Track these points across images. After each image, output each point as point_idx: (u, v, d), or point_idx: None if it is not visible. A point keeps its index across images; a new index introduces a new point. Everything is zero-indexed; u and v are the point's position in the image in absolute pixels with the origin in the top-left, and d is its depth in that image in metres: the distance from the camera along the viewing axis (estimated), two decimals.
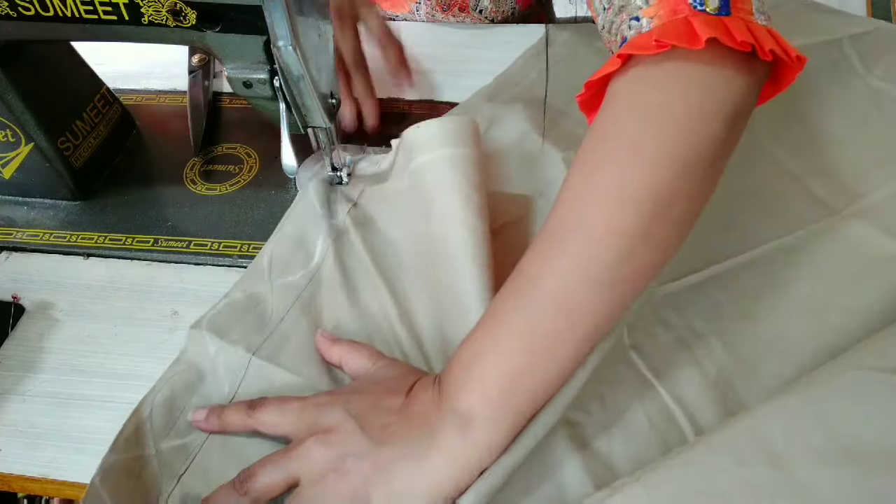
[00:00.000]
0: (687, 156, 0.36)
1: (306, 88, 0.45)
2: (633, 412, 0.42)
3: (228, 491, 0.39)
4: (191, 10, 0.43)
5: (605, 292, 0.36)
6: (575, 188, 0.38)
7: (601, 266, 0.36)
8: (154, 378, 0.46)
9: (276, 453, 0.40)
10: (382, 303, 0.47)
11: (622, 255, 0.35)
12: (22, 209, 0.58)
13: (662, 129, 0.36)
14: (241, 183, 0.58)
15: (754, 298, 0.46)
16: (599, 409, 0.42)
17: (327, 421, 0.39)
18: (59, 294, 0.52)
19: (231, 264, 0.53)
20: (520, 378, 0.36)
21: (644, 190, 0.35)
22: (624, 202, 0.36)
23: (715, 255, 0.48)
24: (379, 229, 0.52)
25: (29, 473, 0.43)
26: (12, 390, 0.47)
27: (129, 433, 0.41)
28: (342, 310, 0.48)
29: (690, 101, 0.36)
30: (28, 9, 0.44)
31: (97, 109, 0.58)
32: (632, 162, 0.36)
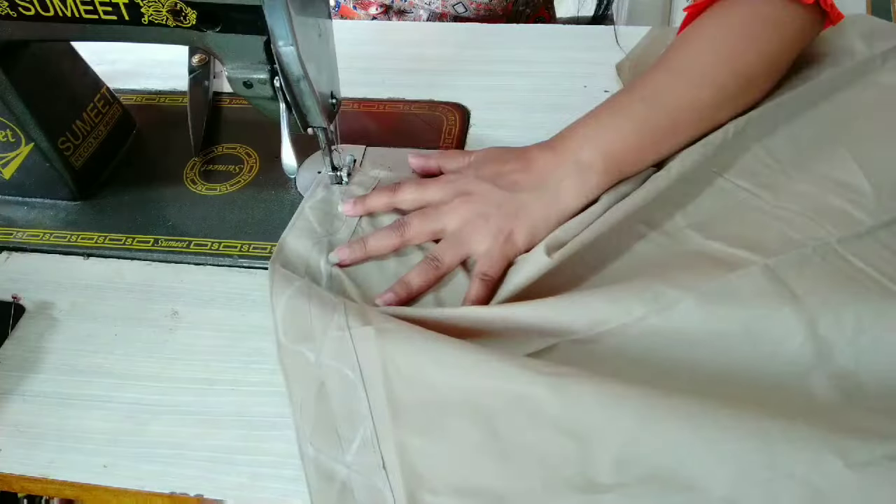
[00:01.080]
0: (758, 58, 0.52)
1: (306, 88, 0.45)
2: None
3: (387, 232, 0.50)
4: (191, 10, 0.43)
5: (704, 117, 0.52)
6: (687, 47, 0.54)
7: (702, 99, 0.51)
8: (154, 378, 0.46)
9: (427, 209, 0.50)
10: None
11: (715, 99, 0.51)
12: (22, 209, 0.58)
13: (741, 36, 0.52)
14: (241, 183, 0.58)
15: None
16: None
17: (465, 187, 0.50)
18: (59, 294, 0.52)
19: (231, 264, 0.53)
20: (630, 152, 0.50)
21: (729, 75, 0.51)
22: (717, 65, 0.52)
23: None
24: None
25: (29, 473, 0.43)
26: (12, 390, 0.47)
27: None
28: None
29: (764, 28, 0.52)
30: (28, 9, 0.44)
31: (97, 109, 0.58)
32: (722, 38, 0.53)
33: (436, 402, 0.40)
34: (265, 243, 0.53)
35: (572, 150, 0.50)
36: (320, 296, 0.45)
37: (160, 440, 0.44)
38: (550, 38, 0.71)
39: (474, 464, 0.38)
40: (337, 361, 0.42)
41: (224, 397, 0.45)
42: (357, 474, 0.39)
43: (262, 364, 0.47)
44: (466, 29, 0.75)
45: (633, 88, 0.53)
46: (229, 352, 0.48)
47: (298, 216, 0.53)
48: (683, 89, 0.51)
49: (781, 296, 0.42)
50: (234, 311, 0.50)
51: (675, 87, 0.51)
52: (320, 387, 0.42)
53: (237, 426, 0.44)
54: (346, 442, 0.40)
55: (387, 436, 0.39)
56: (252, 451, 0.43)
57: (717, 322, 0.42)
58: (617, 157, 0.50)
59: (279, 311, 0.45)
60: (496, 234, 0.48)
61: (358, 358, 0.42)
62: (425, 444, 0.39)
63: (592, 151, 0.50)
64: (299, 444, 0.41)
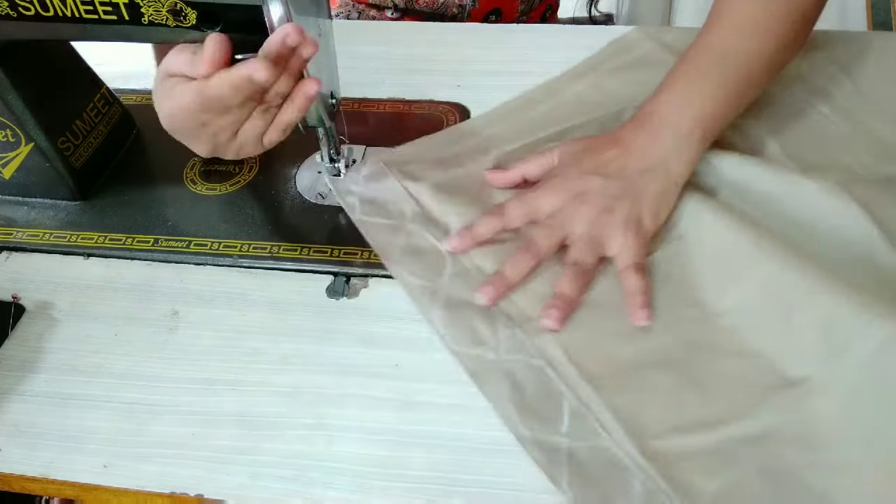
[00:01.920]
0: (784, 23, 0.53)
1: None
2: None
3: (521, 257, 0.48)
4: (191, 10, 0.43)
5: (773, 65, 0.54)
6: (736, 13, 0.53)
7: (768, 50, 0.52)
8: (154, 378, 0.46)
9: (547, 220, 0.49)
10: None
11: (777, 47, 0.53)
12: (22, 209, 0.58)
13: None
14: (241, 183, 0.58)
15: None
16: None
17: (576, 187, 0.50)
18: (59, 294, 0.52)
19: (231, 264, 0.53)
20: (719, 113, 0.51)
21: (782, 11, 0.52)
22: (772, 17, 0.52)
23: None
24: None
25: (29, 473, 0.43)
26: (12, 390, 0.47)
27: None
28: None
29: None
30: (28, 9, 0.44)
31: (97, 109, 0.58)
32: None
33: (622, 367, 0.44)
34: (265, 243, 0.53)
35: (666, 124, 0.51)
36: (469, 303, 0.47)
37: (160, 440, 0.44)
38: (551, 38, 0.71)
39: (681, 404, 0.42)
40: (519, 354, 0.45)
41: (224, 397, 0.45)
42: (579, 441, 0.41)
43: (262, 364, 0.47)
44: (466, 29, 0.75)
45: (699, 52, 0.53)
46: (229, 352, 0.48)
47: (365, 231, 0.52)
48: (749, 43, 0.52)
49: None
50: (234, 311, 0.50)
51: (741, 43, 0.52)
52: (512, 378, 0.44)
53: (237, 426, 0.44)
54: (556, 417, 0.42)
55: (594, 402, 0.42)
56: (252, 451, 0.43)
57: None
58: (710, 121, 0.51)
59: (440, 325, 0.47)
60: (626, 224, 0.48)
61: (537, 348, 0.45)
62: (632, 400, 0.42)
63: (687, 121, 0.50)
64: (513, 431, 0.42)
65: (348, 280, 0.51)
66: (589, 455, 0.40)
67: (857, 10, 1.42)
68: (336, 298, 0.50)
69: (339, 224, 0.54)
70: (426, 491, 0.41)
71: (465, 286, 0.48)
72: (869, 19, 1.41)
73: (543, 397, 0.43)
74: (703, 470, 0.39)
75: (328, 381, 0.46)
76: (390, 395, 0.45)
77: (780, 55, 0.54)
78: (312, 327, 0.49)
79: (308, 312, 0.50)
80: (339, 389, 0.45)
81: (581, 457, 0.40)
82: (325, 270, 0.52)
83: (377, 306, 0.49)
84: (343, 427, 0.44)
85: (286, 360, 0.47)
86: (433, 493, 0.41)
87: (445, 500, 0.40)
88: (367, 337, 0.48)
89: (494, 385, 0.44)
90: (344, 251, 0.52)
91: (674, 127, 0.50)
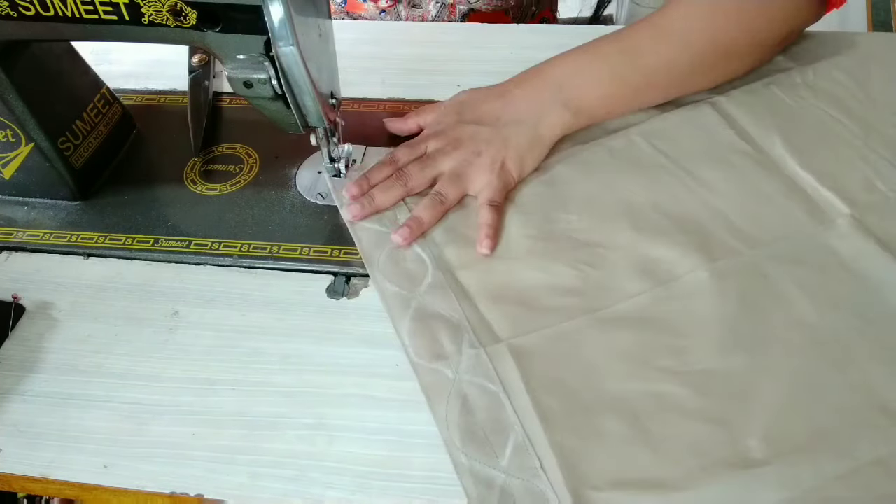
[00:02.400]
0: (741, 33, 0.54)
1: (306, 88, 0.45)
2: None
3: (390, 183, 0.53)
4: (191, 10, 0.43)
5: (678, 81, 0.56)
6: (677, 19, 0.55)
7: (679, 64, 0.54)
8: (154, 378, 0.46)
9: (423, 157, 0.54)
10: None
11: (691, 65, 0.55)
12: (22, 209, 0.58)
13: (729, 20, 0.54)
14: (241, 183, 0.58)
15: None
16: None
17: (453, 133, 0.54)
18: (59, 294, 0.52)
19: (231, 264, 0.53)
20: (602, 101, 0.55)
21: (708, 44, 0.54)
22: (699, 32, 0.54)
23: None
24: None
25: (29, 473, 0.43)
26: (12, 390, 0.47)
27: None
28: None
29: (752, 3, 0.53)
30: (28, 9, 0.44)
31: (97, 109, 0.58)
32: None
33: (580, 406, 0.42)
34: (265, 243, 0.53)
35: (550, 88, 0.54)
36: (441, 315, 0.47)
37: (160, 440, 0.44)
38: (550, 38, 0.71)
39: (629, 457, 0.40)
40: (476, 377, 0.44)
41: (224, 397, 0.45)
42: (515, 478, 0.40)
43: (262, 364, 0.47)
44: (466, 29, 0.75)
45: (617, 38, 0.55)
46: (229, 352, 0.48)
47: (355, 233, 0.52)
48: (663, 50, 0.54)
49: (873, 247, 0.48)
50: (234, 311, 0.50)
51: (655, 46, 0.54)
52: (464, 400, 0.43)
53: (237, 426, 0.44)
54: (498, 448, 0.41)
55: (539, 439, 0.41)
56: (252, 451, 0.43)
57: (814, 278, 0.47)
58: (589, 103, 0.54)
59: (405, 334, 0.46)
60: (491, 165, 0.52)
61: (497, 372, 0.44)
62: (579, 444, 0.41)
63: (569, 92, 0.54)
64: (451, 454, 0.41)
65: (348, 280, 0.51)
66: (521, 494, 0.39)
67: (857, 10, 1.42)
68: (336, 298, 0.50)
69: (339, 224, 0.54)
70: (426, 491, 0.41)
71: (441, 297, 0.48)
72: (869, 19, 1.41)
73: (491, 426, 0.42)
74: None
75: (328, 381, 0.46)
76: (390, 395, 0.45)
77: (689, 75, 0.55)
78: (312, 327, 0.49)
79: (308, 312, 0.50)
80: (339, 389, 0.45)
81: (514, 494, 0.39)
82: (325, 270, 0.52)
83: (377, 306, 0.49)
84: (343, 427, 0.44)
85: (286, 360, 0.47)
86: (433, 493, 0.41)
87: (445, 500, 0.40)
88: (367, 337, 0.48)
89: (444, 405, 0.43)
90: (344, 251, 0.52)
91: (553, 93, 0.54)
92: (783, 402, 0.42)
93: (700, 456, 0.40)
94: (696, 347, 0.45)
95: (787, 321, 0.45)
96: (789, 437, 0.40)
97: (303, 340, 0.48)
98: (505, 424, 0.42)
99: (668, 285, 0.47)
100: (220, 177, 0.59)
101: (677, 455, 0.40)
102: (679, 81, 0.56)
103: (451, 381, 0.44)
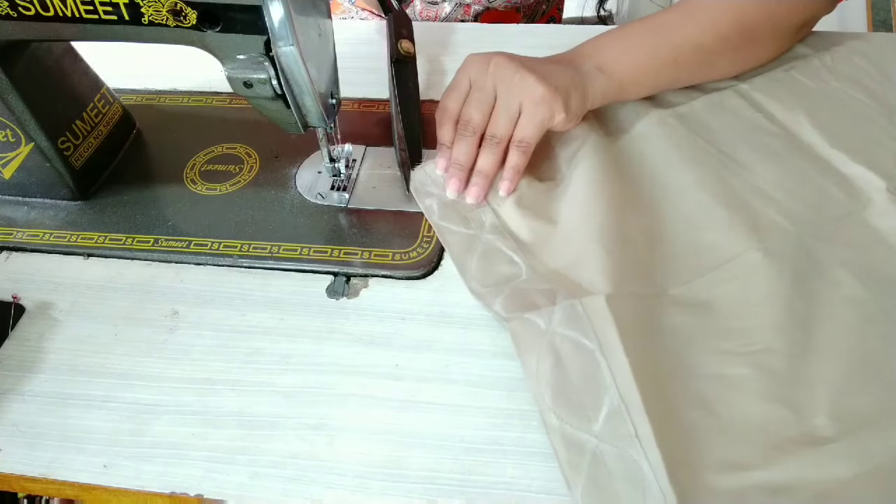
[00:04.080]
0: (764, 17, 0.56)
1: (306, 88, 0.45)
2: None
3: (462, 138, 0.51)
4: (191, 10, 0.43)
5: (705, 59, 0.57)
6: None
7: (704, 43, 0.55)
8: (154, 378, 0.46)
9: (471, 94, 0.52)
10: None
11: (716, 46, 0.56)
12: (22, 209, 0.58)
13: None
14: (241, 183, 0.58)
15: None
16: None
17: (494, 69, 0.51)
18: (59, 294, 0.52)
19: (231, 264, 0.53)
20: (632, 71, 0.55)
21: (734, 24, 0.55)
22: (724, 14, 0.55)
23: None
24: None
25: (29, 473, 0.43)
26: (12, 390, 0.47)
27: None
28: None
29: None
30: (28, 9, 0.44)
31: (97, 109, 0.58)
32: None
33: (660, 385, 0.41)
34: (265, 243, 0.53)
35: (585, 55, 0.55)
36: (533, 289, 0.46)
37: (160, 440, 0.44)
38: (551, 38, 0.71)
39: (702, 439, 0.40)
40: (571, 330, 0.42)
41: (224, 397, 0.45)
42: (608, 445, 0.38)
43: (262, 364, 0.47)
44: (466, 29, 0.75)
45: (645, 19, 0.57)
46: (229, 352, 0.48)
47: (444, 239, 0.51)
48: (690, 28, 0.55)
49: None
50: (234, 311, 0.50)
51: (682, 26, 0.56)
52: (556, 355, 0.41)
53: (237, 426, 0.44)
54: (592, 412, 0.39)
55: (636, 405, 0.39)
56: (252, 451, 0.43)
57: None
58: (621, 71, 0.54)
59: (499, 309, 0.45)
60: (536, 84, 0.50)
61: (594, 326, 0.42)
62: (672, 419, 0.40)
63: (603, 59, 0.54)
64: (541, 412, 0.40)
65: (348, 280, 0.51)
66: (615, 463, 0.38)
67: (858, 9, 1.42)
68: (336, 298, 0.50)
69: (339, 224, 0.54)
70: (426, 491, 0.41)
71: (537, 280, 0.47)
72: (869, 19, 1.41)
73: (586, 386, 0.40)
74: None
75: (328, 381, 0.46)
76: (390, 395, 0.45)
77: (715, 55, 0.57)
78: (312, 327, 0.49)
79: (308, 312, 0.50)
80: (339, 389, 0.45)
81: (606, 462, 0.38)
82: (325, 270, 0.52)
83: (377, 306, 0.49)
84: (343, 427, 0.44)
85: (286, 360, 0.47)
86: (433, 493, 0.41)
87: (445, 500, 0.40)
88: (367, 337, 0.48)
89: (535, 358, 0.41)
90: (344, 251, 0.52)
91: (589, 59, 0.54)
92: (844, 379, 0.42)
93: (770, 436, 0.40)
94: (755, 328, 0.44)
95: (838, 299, 0.45)
96: (855, 413, 0.40)
97: (303, 340, 0.48)
98: (599, 387, 0.40)
99: (723, 268, 0.47)
100: (220, 177, 0.59)
101: (749, 436, 0.40)
102: (705, 61, 0.57)
103: (543, 333, 0.42)
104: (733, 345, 0.44)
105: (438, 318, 0.48)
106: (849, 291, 0.46)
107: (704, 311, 0.46)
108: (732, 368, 0.43)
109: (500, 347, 0.46)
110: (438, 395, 0.44)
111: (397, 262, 0.51)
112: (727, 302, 0.46)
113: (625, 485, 0.37)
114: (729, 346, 0.44)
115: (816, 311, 0.45)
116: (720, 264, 0.47)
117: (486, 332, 0.47)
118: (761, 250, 0.47)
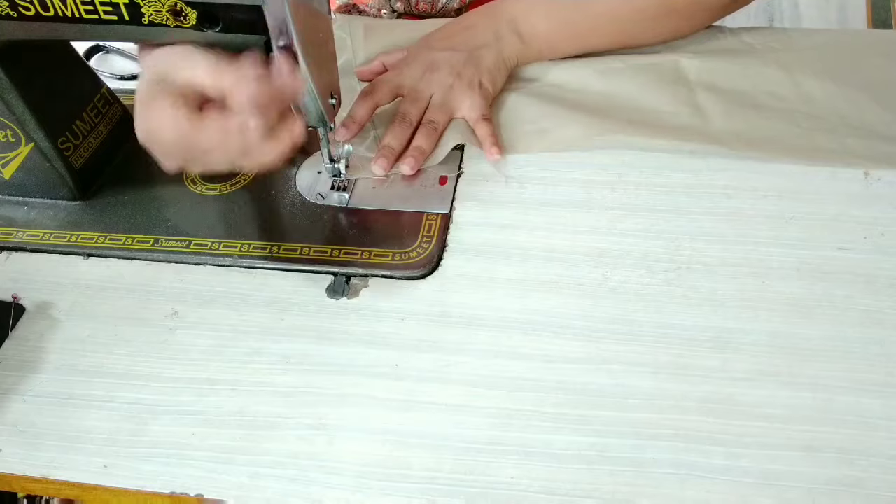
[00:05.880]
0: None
1: (307, 88, 0.45)
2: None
3: (398, 130, 0.56)
4: (191, 10, 0.42)
5: (623, 29, 0.61)
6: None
7: (622, 14, 0.60)
8: (154, 378, 0.46)
9: (410, 94, 0.59)
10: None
11: (633, 17, 0.60)
12: (22, 209, 0.58)
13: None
14: (241, 183, 0.58)
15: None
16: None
17: (427, 60, 0.59)
18: (59, 294, 0.52)
19: (231, 264, 0.53)
20: (548, 36, 0.61)
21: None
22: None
23: None
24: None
25: (29, 473, 0.43)
26: (12, 390, 0.47)
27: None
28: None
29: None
30: (28, 9, 0.44)
31: (97, 109, 0.58)
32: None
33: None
34: (265, 243, 0.53)
35: (506, 18, 0.61)
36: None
37: (160, 440, 0.44)
38: None
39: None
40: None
41: (224, 397, 0.45)
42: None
43: (262, 364, 0.47)
44: None
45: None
46: (229, 352, 0.48)
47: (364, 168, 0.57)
48: (609, 0, 0.60)
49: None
50: (234, 311, 0.50)
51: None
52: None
53: (237, 426, 0.44)
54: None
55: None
56: (252, 451, 0.43)
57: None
58: (538, 37, 0.61)
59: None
60: (471, 86, 0.58)
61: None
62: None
63: (522, 24, 0.60)
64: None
65: (348, 280, 0.51)
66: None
67: (857, 9, 1.42)
68: (336, 298, 0.50)
69: (339, 224, 0.54)
70: (426, 491, 0.41)
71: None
72: (869, 19, 1.41)
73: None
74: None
75: (328, 381, 0.46)
76: (390, 395, 0.45)
77: (632, 26, 0.61)
78: (312, 327, 0.49)
79: (308, 312, 0.50)
80: (339, 389, 0.45)
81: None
82: (325, 270, 0.52)
83: (377, 306, 0.49)
84: (343, 427, 0.44)
85: (286, 360, 0.47)
86: (433, 493, 0.41)
87: (445, 500, 0.40)
88: (366, 337, 0.48)
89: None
90: (344, 251, 0.52)
91: (509, 23, 0.60)
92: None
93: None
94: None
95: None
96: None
97: (303, 340, 0.48)
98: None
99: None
100: (220, 177, 0.59)
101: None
102: (622, 30, 0.61)
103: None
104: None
105: (438, 318, 0.48)
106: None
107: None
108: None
109: (501, 347, 0.46)
110: (438, 395, 0.44)
111: (397, 262, 0.51)
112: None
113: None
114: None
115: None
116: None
117: (487, 332, 0.47)
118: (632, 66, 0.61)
